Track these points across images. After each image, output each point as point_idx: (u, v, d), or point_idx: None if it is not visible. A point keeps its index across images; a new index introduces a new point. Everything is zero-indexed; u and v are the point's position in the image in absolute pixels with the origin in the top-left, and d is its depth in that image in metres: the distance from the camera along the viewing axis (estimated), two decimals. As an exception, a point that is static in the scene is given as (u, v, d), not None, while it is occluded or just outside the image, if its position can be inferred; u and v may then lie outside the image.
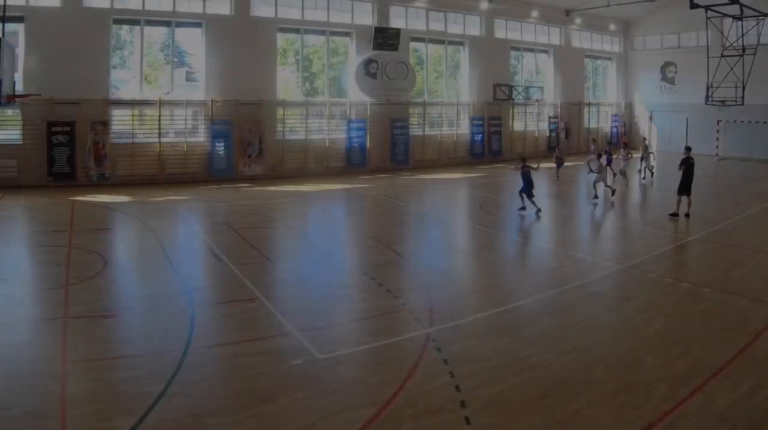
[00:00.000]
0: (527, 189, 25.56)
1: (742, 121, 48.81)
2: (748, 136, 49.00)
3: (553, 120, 52.22)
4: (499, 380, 10.42)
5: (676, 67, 54.63)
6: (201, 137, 36.09)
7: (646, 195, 33.59)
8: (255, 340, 12.25)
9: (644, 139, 42.58)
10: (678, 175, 25.16)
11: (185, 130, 35.92)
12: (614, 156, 34.47)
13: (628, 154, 34.99)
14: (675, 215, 24.81)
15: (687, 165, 24.97)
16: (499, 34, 48.95)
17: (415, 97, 44.78)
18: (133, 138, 34.15)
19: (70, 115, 31.84)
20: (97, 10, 33.15)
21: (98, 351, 11.58)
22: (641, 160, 36.90)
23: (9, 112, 31.43)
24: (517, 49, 50.80)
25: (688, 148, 25.79)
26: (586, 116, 55.39)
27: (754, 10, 42.46)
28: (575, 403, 9.69)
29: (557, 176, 36.75)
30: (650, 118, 56.80)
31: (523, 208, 25.69)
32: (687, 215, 24.63)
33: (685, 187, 24.92)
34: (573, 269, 18.14)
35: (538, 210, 25.47)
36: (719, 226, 23.84)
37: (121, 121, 34.46)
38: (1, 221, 23.85)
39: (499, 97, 47.84)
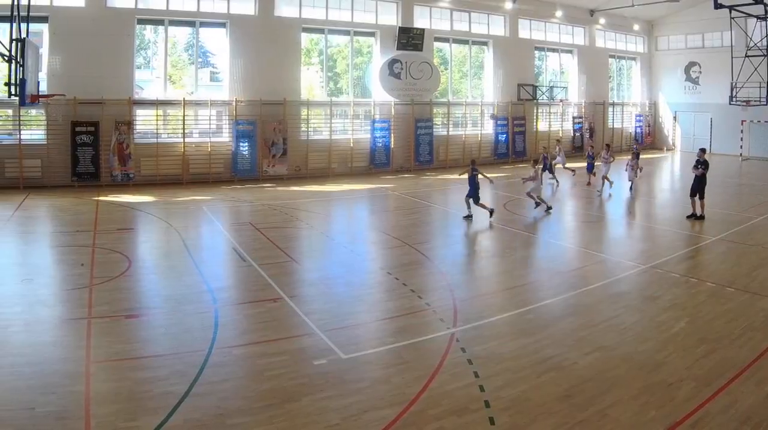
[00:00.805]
0: (474, 194, 24.53)
1: (766, 121, 47.72)
2: (773, 137, 48.11)
3: (577, 120, 51.23)
4: (522, 380, 10.33)
5: (700, 67, 53.36)
6: (225, 137, 35.51)
7: (666, 196, 32.82)
8: (278, 340, 12.11)
9: (608, 145, 39.92)
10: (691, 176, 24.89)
11: (209, 131, 35.25)
12: (596, 162, 32.89)
13: (610, 157, 31.56)
14: (692, 216, 24.14)
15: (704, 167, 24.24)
16: (523, 34, 47.97)
17: (438, 97, 43.96)
18: (157, 138, 33.60)
19: (93, 115, 31.30)
20: (121, 10, 32.63)
21: (122, 351, 11.42)
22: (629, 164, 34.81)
23: (33, 112, 31.08)
24: (541, 49, 49.77)
25: (702, 150, 25.08)
26: (610, 116, 54.25)
27: (779, 10, 41.23)
28: (598, 403, 9.61)
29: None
30: (674, 118, 55.96)
31: (470, 215, 24.55)
32: (701, 217, 23.99)
33: (697, 190, 24.05)
34: (596, 269, 17.87)
35: (491, 211, 24.51)
36: (742, 226, 23.41)
37: (145, 121, 33.99)
38: (25, 221, 23.47)
39: (523, 97, 46.97)
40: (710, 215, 24.38)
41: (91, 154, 31.33)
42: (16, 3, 21.40)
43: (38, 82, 24.84)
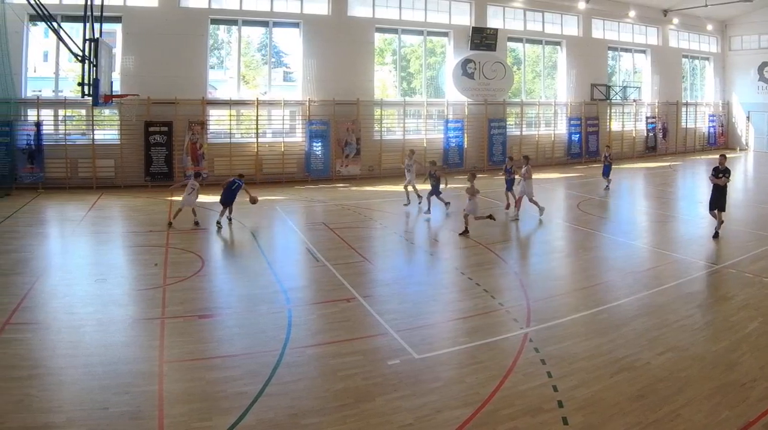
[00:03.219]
0: (435, 191, 24.19)
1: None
2: None
3: (650, 120, 48.54)
4: (596, 380, 9.94)
5: (774, 67, 50.31)
6: (298, 137, 34.11)
7: (739, 196, 30.10)
8: (352, 340, 11.72)
9: (608, 146, 33.91)
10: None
11: (282, 131, 34.09)
12: (515, 176, 25.07)
13: (527, 171, 23.60)
14: (717, 235, 20.10)
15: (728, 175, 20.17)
16: (597, 34, 45.34)
17: (512, 97, 41.80)
18: (230, 138, 32.44)
19: (167, 115, 30.22)
20: (195, 10, 31.48)
21: (195, 351, 11.07)
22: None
23: (106, 112, 30.35)
24: (615, 49, 47.05)
25: (723, 156, 20.57)
26: (683, 116, 51.46)
27: None
28: (671, 403, 9.20)
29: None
30: (747, 118, 52.93)
31: (428, 210, 24.24)
32: (716, 234, 20.20)
33: (718, 202, 20.17)
34: (669, 268, 16.97)
35: (447, 203, 24.48)
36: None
37: (218, 121, 33.00)
38: (98, 221, 22.78)
39: (597, 98, 44.54)
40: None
41: (164, 154, 30.25)
42: (89, 3, 20.75)
43: (111, 82, 24.12)
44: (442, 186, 24.27)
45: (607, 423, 8.64)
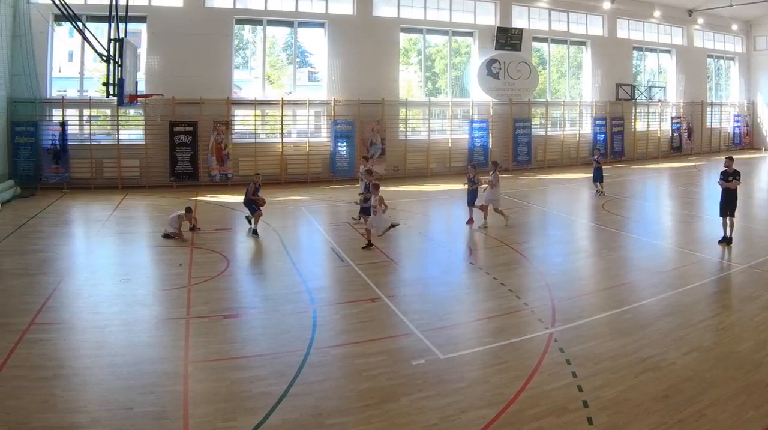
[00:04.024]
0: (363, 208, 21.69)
1: None
2: None
3: (675, 120, 47.38)
4: (620, 380, 9.78)
5: (799, 67, 48.78)
6: (323, 137, 33.57)
7: (764, 196, 29.88)
8: (377, 340, 11.54)
9: (598, 149, 32.19)
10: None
11: (307, 131, 33.41)
12: (481, 185, 22.20)
13: (495, 178, 21.63)
14: (725, 240, 18.86)
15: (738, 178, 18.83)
16: (622, 34, 44.33)
17: (537, 97, 40.89)
18: (255, 138, 31.94)
19: (192, 115, 29.76)
20: (220, 10, 31.04)
21: (220, 351, 10.94)
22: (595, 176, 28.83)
23: (131, 112, 29.94)
24: (640, 49, 45.96)
25: (730, 158, 19.04)
26: (708, 116, 50.18)
27: None
28: (696, 403, 9.06)
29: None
30: (773, 118, 51.50)
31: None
32: (730, 239, 18.84)
33: (728, 207, 18.78)
34: (694, 269, 16.73)
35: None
36: None
37: (243, 121, 32.42)
38: (123, 221, 22.59)
39: (622, 98, 43.41)
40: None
41: (189, 154, 29.83)
42: (114, 3, 20.74)
43: (136, 82, 23.88)
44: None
45: (632, 423, 8.51)
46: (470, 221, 21.73)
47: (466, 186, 22.12)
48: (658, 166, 40.96)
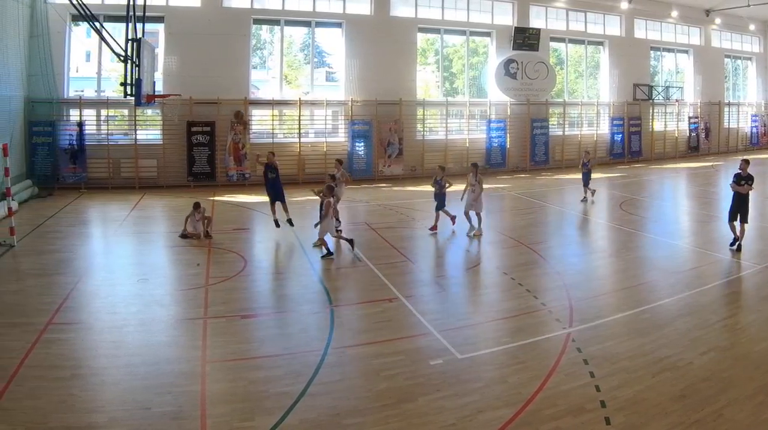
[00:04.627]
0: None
1: None
2: None
3: (693, 120, 46.70)
4: (638, 380, 9.67)
5: (816, 67, 47.83)
6: (341, 137, 33.11)
7: None
8: (394, 340, 11.43)
9: (586, 152, 29.19)
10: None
11: (325, 131, 33.04)
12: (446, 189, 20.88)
13: (444, 183, 20.45)
14: (736, 243, 17.84)
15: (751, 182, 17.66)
16: (639, 34, 43.59)
17: (554, 97, 40.30)
18: (272, 138, 31.58)
19: (209, 115, 29.40)
20: (237, 10, 30.68)
21: (237, 351, 10.85)
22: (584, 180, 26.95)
23: (149, 112, 29.66)
24: (657, 49, 45.28)
25: (746, 161, 17.85)
26: (725, 116, 49.45)
27: None
28: (714, 403, 8.96)
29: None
30: (790, 118, 50.49)
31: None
32: (738, 244, 17.83)
33: (739, 211, 17.70)
34: (711, 268, 16.57)
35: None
36: None
37: (260, 121, 32.06)
38: (140, 221, 22.46)
39: (639, 97, 42.85)
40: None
41: (206, 154, 29.48)
42: (131, 3, 20.48)
43: (154, 82, 23.58)
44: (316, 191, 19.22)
45: (650, 423, 8.44)
46: (433, 228, 20.19)
47: (433, 189, 20.65)
48: (676, 166, 40.39)
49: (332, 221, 17.74)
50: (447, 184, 20.37)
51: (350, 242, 17.78)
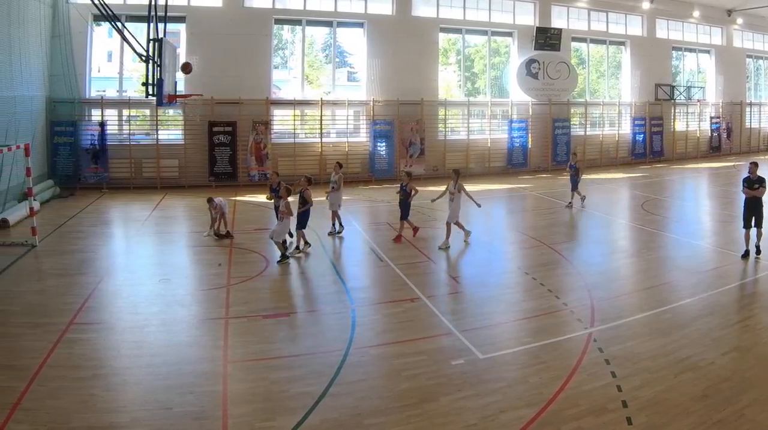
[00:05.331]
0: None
1: None
2: None
3: (714, 120, 45.76)
4: (659, 380, 9.58)
5: (838, 66, 46.80)
6: (362, 137, 32.72)
7: None
8: (416, 340, 11.36)
9: (574, 154, 27.51)
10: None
11: (346, 131, 32.60)
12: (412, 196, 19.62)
13: (411, 191, 19.16)
14: (748, 254, 16.77)
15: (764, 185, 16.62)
16: (661, 34, 42.78)
17: (576, 97, 39.56)
18: (294, 138, 31.19)
19: (231, 115, 29.06)
20: (259, 10, 30.32)
21: (259, 351, 10.78)
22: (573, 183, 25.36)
23: (170, 112, 29.39)
24: (679, 49, 44.40)
25: (755, 164, 17.00)
26: (747, 116, 48.41)
27: None
28: (735, 403, 8.84)
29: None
30: (812, 119, 49.48)
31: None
32: (747, 255, 16.80)
33: (754, 217, 16.73)
34: (732, 269, 16.18)
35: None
36: None
37: (282, 121, 31.66)
38: (162, 221, 22.35)
39: (661, 98, 42.01)
40: None
41: (228, 154, 29.18)
42: (153, 3, 20.35)
43: (175, 82, 23.06)
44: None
45: (671, 423, 8.38)
46: (398, 239, 18.75)
47: (399, 195, 19.22)
48: (697, 166, 39.67)
49: (288, 223, 16.75)
50: (413, 192, 19.01)
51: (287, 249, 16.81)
